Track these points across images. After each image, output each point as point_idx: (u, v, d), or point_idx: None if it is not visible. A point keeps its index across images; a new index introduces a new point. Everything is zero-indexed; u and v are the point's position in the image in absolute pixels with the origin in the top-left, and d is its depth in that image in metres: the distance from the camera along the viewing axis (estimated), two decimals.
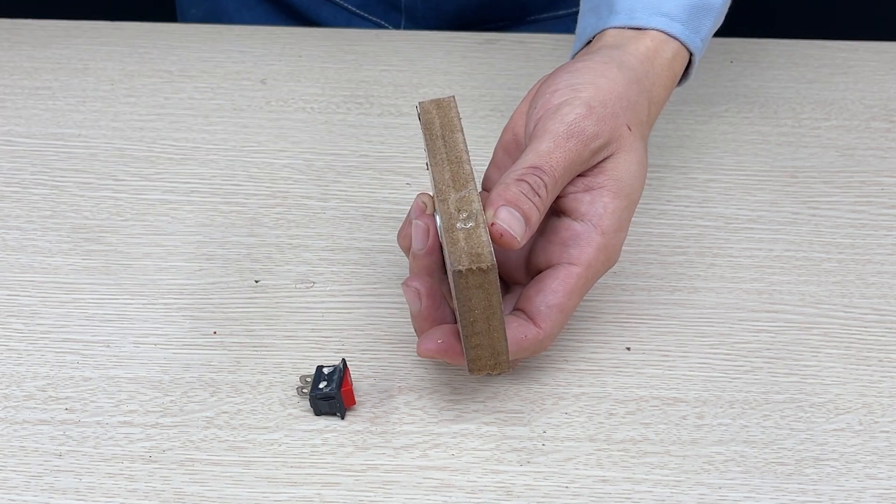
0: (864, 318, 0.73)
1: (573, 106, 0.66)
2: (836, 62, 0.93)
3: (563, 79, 0.68)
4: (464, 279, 0.59)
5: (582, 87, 0.67)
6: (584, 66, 0.69)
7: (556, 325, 0.64)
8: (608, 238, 0.66)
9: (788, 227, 0.79)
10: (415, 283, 0.64)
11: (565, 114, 0.66)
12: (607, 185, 0.66)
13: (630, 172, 0.67)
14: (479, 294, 0.59)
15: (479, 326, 0.60)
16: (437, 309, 0.65)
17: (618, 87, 0.68)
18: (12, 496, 0.63)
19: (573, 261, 0.65)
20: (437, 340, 0.64)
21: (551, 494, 0.63)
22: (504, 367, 0.62)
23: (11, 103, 0.88)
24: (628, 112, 0.67)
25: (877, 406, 0.68)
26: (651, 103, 0.70)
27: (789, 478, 0.64)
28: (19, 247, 0.77)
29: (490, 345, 0.61)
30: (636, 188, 0.67)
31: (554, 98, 0.67)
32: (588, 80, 0.67)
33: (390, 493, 0.63)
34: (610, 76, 0.68)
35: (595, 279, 0.66)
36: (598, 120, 0.66)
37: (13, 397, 0.68)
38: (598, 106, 0.66)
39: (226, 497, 0.63)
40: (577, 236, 0.65)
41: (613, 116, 0.66)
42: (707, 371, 0.70)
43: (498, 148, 0.71)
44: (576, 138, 0.65)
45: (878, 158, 0.84)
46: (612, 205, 0.66)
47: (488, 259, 0.59)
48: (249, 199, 0.80)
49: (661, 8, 0.72)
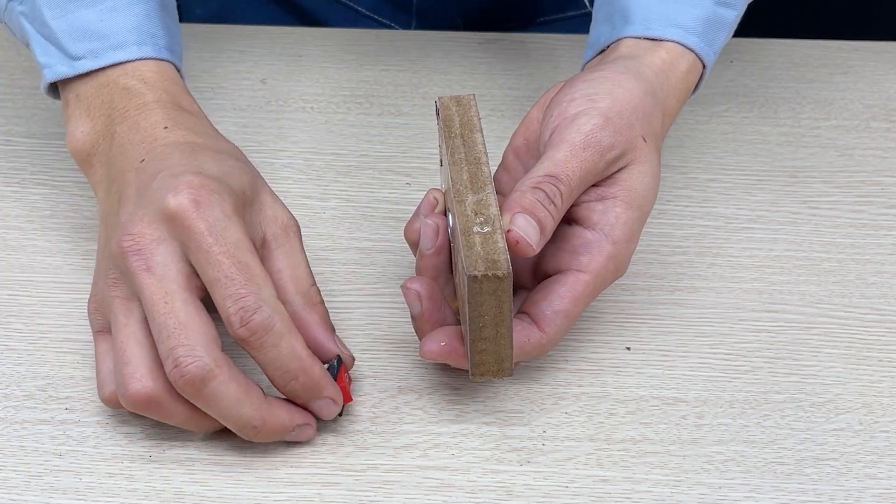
0: (864, 317, 0.73)
1: (590, 116, 0.66)
2: (836, 62, 0.93)
3: (579, 88, 0.68)
4: (478, 284, 0.59)
5: (599, 98, 0.67)
6: (602, 76, 0.68)
7: (559, 331, 0.65)
8: (618, 248, 0.66)
9: (788, 226, 0.79)
10: (415, 286, 0.64)
11: (582, 124, 0.66)
12: (620, 196, 0.66)
13: (644, 184, 0.67)
14: (491, 300, 0.59)
15: (486, 332, 0.60)
16: (437, 311, 0.65)
17: (634, 98, 0.68)
18: (12, 496, 0.63)
19: (582, 268, 0.65)
20: (441, 343, 0.64)
21: (551, 494, 0.63)
22: (507, 373, 0.62)
23: (11, 103, 0.88)
24: (644, 123, 0.67)
25: (877, 406, 0.68)
26: (665, 115, 0.70)
27: (789, 477, 0.64)
28: (19, 247, 0.77)
29: (496, 351, 0.61)
30: (649, 200, 0.67)
31: (570, 108, 0.67)
32: (605, 90, 0.67)
33: (390, 493, 0.63)
34: (627, 87, 0.68)
35: (602, 288, 0.66)
36: (615, 131, 0.66)
37: (13, 397, 0.68)
38: (614, 117, 0.66)
39: (226, 497, 0.63)
40: (588, 244, 0.65)
41: (629, 128, 0.66)
42: (707, 371, 0.70)
43: (508, 152, 0.71)
44: (592, 148, 0.65)
45: (878, 158, 0.84)
46: (624, 215, 0.66)
47: (504, 266, 0.59)
48: None
49: (676, 20, 0.72)
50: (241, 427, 0.62)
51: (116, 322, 0.63)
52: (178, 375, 0.60)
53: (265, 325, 0.61)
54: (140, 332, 0.63)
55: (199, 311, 0.62)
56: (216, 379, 0.60)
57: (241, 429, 0.62)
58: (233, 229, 0.62)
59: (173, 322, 0.61)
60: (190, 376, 0.60)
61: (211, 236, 0.61)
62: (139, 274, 0.62)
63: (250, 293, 0.61)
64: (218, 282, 0.61)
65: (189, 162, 0.65)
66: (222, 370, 0.61)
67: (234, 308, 0.61)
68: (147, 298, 0.61)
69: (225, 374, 0.61)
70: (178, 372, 0.60)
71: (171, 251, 0.62)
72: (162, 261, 0.62)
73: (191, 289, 0.62)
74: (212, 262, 0.61)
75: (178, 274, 0.62)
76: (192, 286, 0.62)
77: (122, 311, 0.63)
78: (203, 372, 0.60)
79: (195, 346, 0.60)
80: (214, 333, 0.61)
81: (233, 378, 0.61)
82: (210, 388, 0.60)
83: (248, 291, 0.61)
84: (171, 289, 0.61)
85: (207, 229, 0.62)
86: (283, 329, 0.62)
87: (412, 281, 0.65)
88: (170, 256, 0.62)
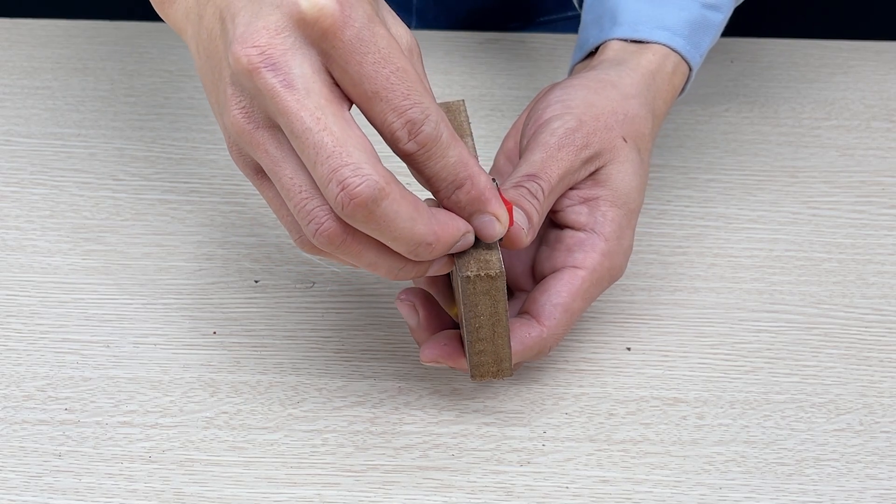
0: (864, 318, 0.73)
1: (564, 120, 0.66)
2: (836, 62, 0.93)
3: (555, 95, 0.69)
4: (471, 285, 0.59)
5: (573, 104, 0.67)
6: (579, 84, 0.69)
7: (559, 325, 0.65)
8: (611, 244, 0.66)
9: (789, 226, 0.79)
10: (409, 297, 0.64)
11: (556, 127, 0.66)
12: (603, 196, 0.66)
13: (626, 183, 0.67)
14: (486, 300, 0.59)
15: (483, 333, 0.61)
16: (435, 318, 0.65)
17: (611, 103, 0.68)
18: (12, 496, 0.63)
19: (577, 264, 0.65)
20: (442, 344, 0.64)
21: (551, 495, 0.63)
22: (506, 373, 0.62)
23: (11, 103, 0.87)
24: (625, 125, 0.68)
25: (877, 406, 0.68)
26: (654, 116, 0.70)
27: (790, 478, 0.64)
28: (18, 247, 0.76)
29: (494, 351, 0.61)
30: (633, 198, 0.67)
31: (545, 114, 0.68)
32: (580, 96, 0.68)
33: (390, 493, 0.63)
34: (604, 94, 0.68)
35: (599, 287, 0.66)
36: (589, 132, 0.66)
37: (12, 397, 0.67)
38: (589, 119, 0.67)
39: (226, 497, 0.63)
40: (582, 242, 0.66)
41: (607, 129, 0.67)
42: (707, 371, 0.70)
43: (500, 155, 0.72)
44: (566, 149, 0.65)
45: (878, 158, 0.84)
46: (610, 213, 0.66)
47: (496, 266, 0.59)
48: (249, 199, 0.80)
49: (664, 22, 0.73)
50: (415, 247, 0.56)
51: (270, 157, 0.55)
52: (347, 199, 0.53)
53: (434, 135, 0.55)
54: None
55: (353, 124, 0.54)
56: (388, 197, 0.53)
57: (415, 249, 0.56)
58: (381, 33, 0.54)
59: (330, 140, 0.53)
60: (361, 198, 0.53)
61: (361, 44, 0.53)
62: (279, 92, 0.53)
63: (414, 104, 0.54)
64: (376, 95, 0.54)
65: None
66: (392, 187, 0.54)
67: (400, 122, 0.54)
68: (294, 118, 0.53)
69: (396, 191, 0.54)
70: (345, 195, 0.53)
71: (310, 61, 0.54)
72: (302, 73, 0.53)
73: (339, 101, 0.54)
74: (365, 74, 0.54)
75: (323, 86, 0.54)
76: (339, 98, 0.54)
77: (271, 143, 0.55)
78: (374, 191, 0.53)
79: (360, 163, 0.53)
80: (373, 148, 0.54)
81: (403, 194, 0.54)
82: (382, 209, 0.54)
83: (412, 102, 0.54)
84: (320, 103, 0.53)
85: (356, 36, 0.53)
86: (450, 137, 0.56)
87: (405, 292, 0.65)
88: (310, 67, 0.54)
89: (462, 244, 0.58)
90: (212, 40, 0.57)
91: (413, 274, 0.58)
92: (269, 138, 0.55)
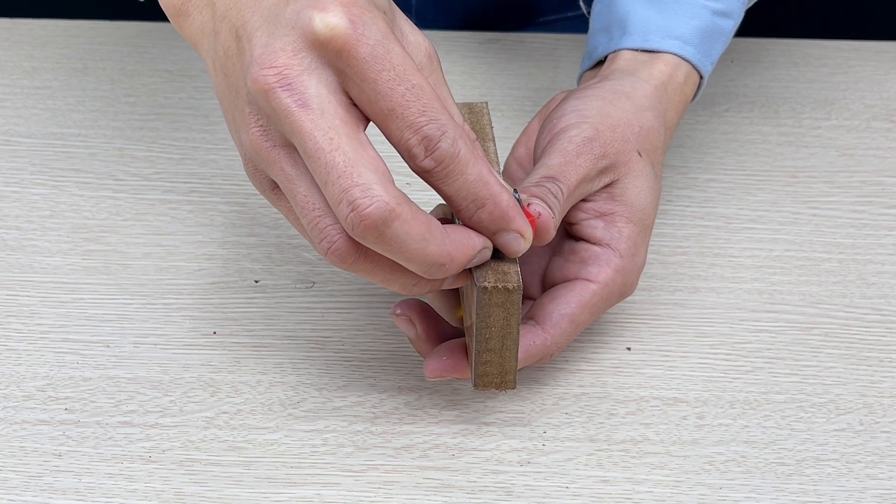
0: (864, 318, 0.73)
1: (581, 129, 0.66)
2: (836, 62, 0.93)
3: (570, 105, 0.68)
4: (487, 296, 0.58)
5: (590, 115, 0.67)
6: (593, 94, 0.69)
7: (564, 334, 0.65)
8: (626, 261, 0.66)
9: (789, 226, 0.79)
10: (404, 311, 0.64)
11: (573, 135, 0.66)
12: (618, 211, 0.66)
13: (641, 198, 0.67)
14: (499, 312, 0.59)
15: (492, 344, 0.60)
16: (434, 328, 0.65)
17: (626, 115, 0.68)
18: (12, 496, 0.63)
19: (591, 277, 0.65)
20: (443, 357, 0.64)
21: (551, 494, 0.63)
22: (510, 386, 0.62)
23: (11, 103, 0.87)
24: (640, 138, 0.67)
25: (878, 406, 0.68)
26: (665, 128, 0.70)
27: (790, 478, 0.64)
28: (19, 247, 0.76)
29: (500, 363, 0.61)
30: (648, 214, 0.67)
31: (560, 122, 0.67)
32: (596, 107, 0.68)
33: (390, 493, 0.63)
34: (619, 105, 0.68)
35: (608, 303, 0.66)
36: (605, 142, 0.66)
37: (12, 397, 0.67)
38: (606, 130, 0.66)
39: (226, 497, 0.63)
40: (597, 256, 0.66)
41: (623, 140, 0.67)
42: (707, 371, 0.70)
43: (511, 161, 0.72)
44: (584, 156, 0.65)
45: (878, 158, 0.84)
46: (626, 229, 0.66)
47: (515, 279, 0.58)
48: (249, 199, 0.80)
49: (674, 31, 0.72)
50: (428, 267, 0.56)
51: (285, 174, 0.55)
52: (357, 220, 0.53)
53: (451, 152, 0.55)
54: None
55: (367, 145, 0.54)
56: (399, 218, 0.53)
57: (428, 269, 0.56)
58: (395, 49, 0.54)
59: (342, 160, 0.53)
60: (371, 220, 0.53)
61: (375, 62, 0.53)
62: (293, 112, 0.53)
63: (430, 120, 0.54)
64: (392, 112, 0.54)
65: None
66: (403, 208, 0.54)
67: (416, 139, 0.54)
68: (307, 137, 0.53)
69: (407, 212, 0.54)
70: (355, 216, 0.53)
71: (325, 81, 0.54)
72: (317, 93, 0.54)
73: (355, 122, 0.54)
74: (381, 91, 0.54)
75: (338, 106, 0.54)
76: (355, 119, 0.54)
77: (287, 161, 0.55)
78: (384, 212, 0.53)
79: (371, 184, 0.53)
80: (387, 168, 0.54)
81: (414, 215, 0.54)
82: (393, 230, 0.54)
83: (428, 119, 0.54)
84: (334, 123, 0.53)
85: (370, 54, 0.53)
86: (468, 154, 0.55)
87: (399, 306, 0.64)
88: (325, 87, 0.54)
89: (479, 259, 0.58)
90: (228, 58, 0.57)
91: (428, 289, 0.59)
92: (285, 157, 0.55)
